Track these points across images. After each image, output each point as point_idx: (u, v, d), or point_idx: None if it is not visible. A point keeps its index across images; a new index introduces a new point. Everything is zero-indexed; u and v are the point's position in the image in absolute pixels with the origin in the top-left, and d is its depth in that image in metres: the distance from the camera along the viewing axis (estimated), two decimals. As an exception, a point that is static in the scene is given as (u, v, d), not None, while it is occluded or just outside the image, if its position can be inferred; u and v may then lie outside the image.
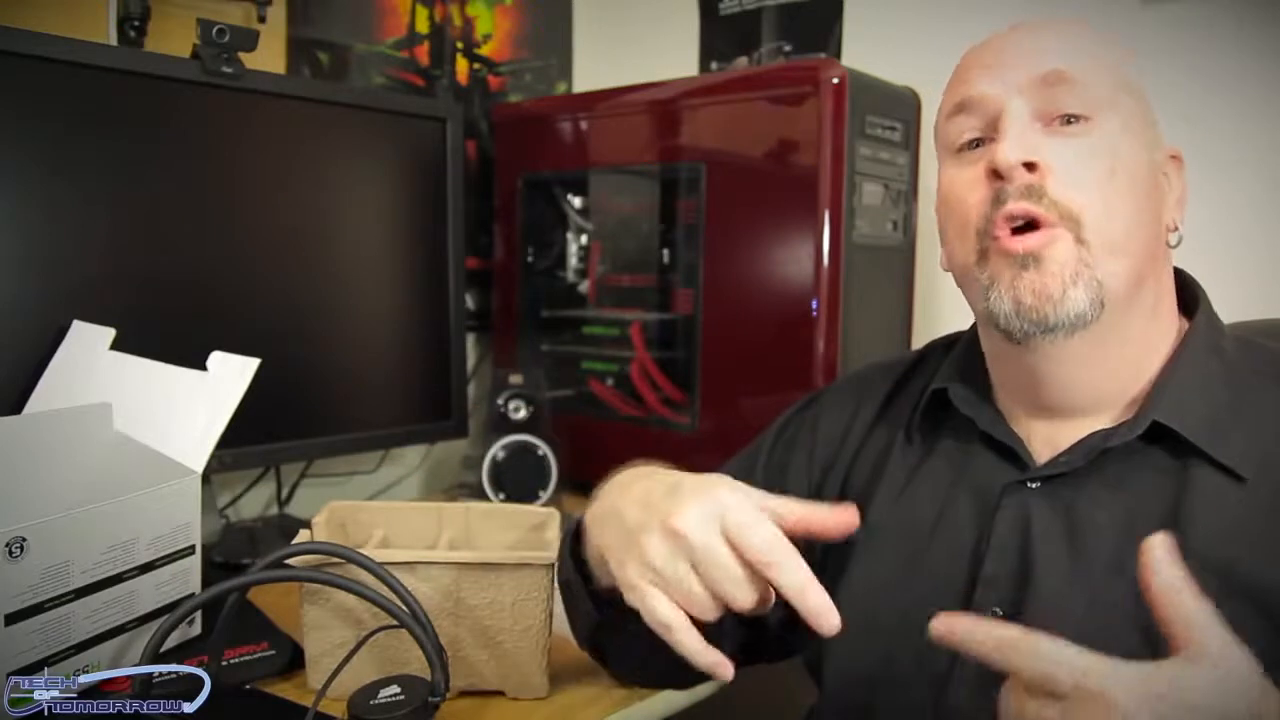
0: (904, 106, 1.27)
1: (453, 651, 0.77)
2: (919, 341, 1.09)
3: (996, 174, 0.64)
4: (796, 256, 1.17)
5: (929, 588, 0.69)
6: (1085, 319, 0.63)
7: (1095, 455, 0.65)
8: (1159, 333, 0.68)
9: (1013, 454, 0.69)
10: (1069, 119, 0.65)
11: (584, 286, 1.45)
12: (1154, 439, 0.63)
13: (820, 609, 0.56)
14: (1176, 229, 0.69)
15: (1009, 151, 0.63)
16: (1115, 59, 0.67)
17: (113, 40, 1.16)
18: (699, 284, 1.26)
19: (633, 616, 0.63)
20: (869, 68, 1.23)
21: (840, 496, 0.79)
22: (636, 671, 0.84)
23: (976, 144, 0.68)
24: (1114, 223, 0.63)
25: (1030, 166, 0.63)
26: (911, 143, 1.28)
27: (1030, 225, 0.63)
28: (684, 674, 0.84)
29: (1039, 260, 0.63)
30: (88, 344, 0.94)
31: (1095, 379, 0.66)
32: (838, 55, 1.46)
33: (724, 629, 0.82)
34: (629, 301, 1.38)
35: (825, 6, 1.47)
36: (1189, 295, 0.71)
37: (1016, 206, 0.63)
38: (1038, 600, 0.63)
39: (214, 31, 1.05)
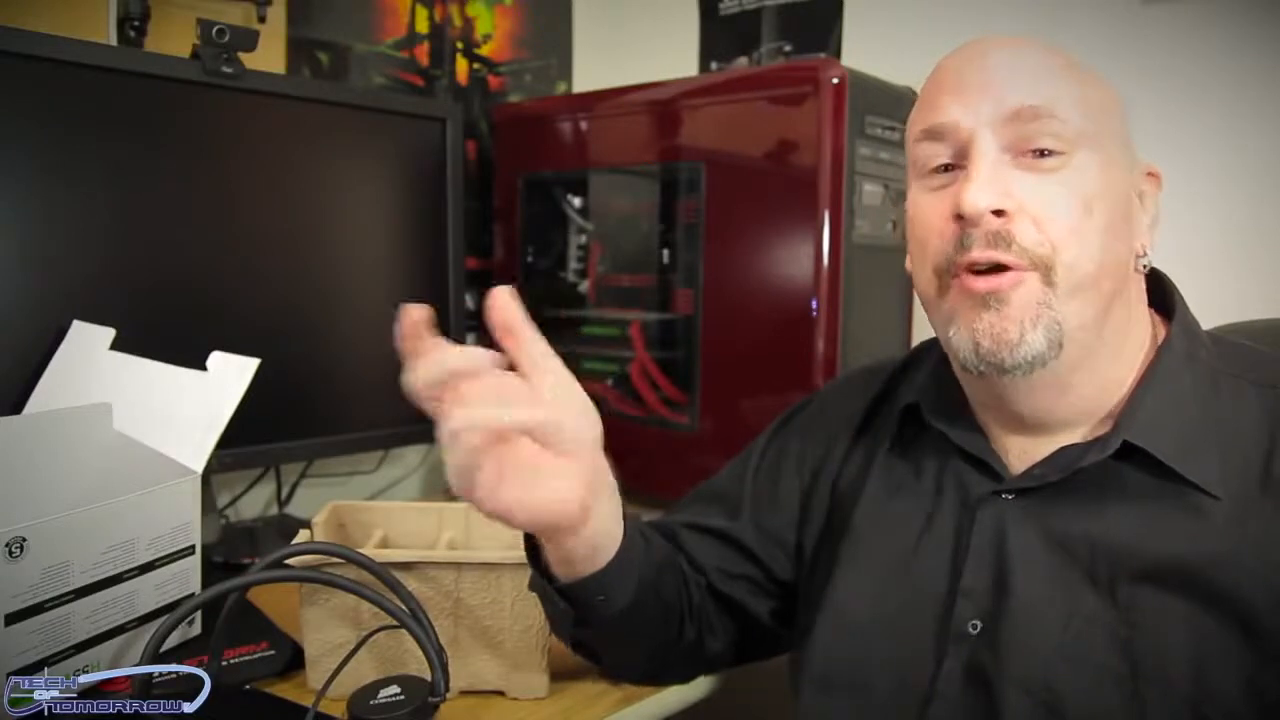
0: (904, 106, 1.25)
1: (453, 652, 0.77)
2: (919, 341, 1.09)
3: (962, 215, 0.62)
4: (796, 256, 1.17)
5: (909, 597, 0.69)
6: (1043, 360, 0.61)
7: (1069, 470, 0.64)
8: (1132, 347, 0.67)
9: (989, 466, 0.69)
10: (1042, 152, 0.62)
11: (584, 286, 1.45)
12: (1127, 454, 0.63)
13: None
14: (1145, 254, 0.67)
15: (977, 198, 0.61)
16: (1091, 84, 0.64)
17: (113, 40, 1.16)
18: (699, 284, 1.26)
19: (598, 606, 0.67)
20: (869, 68, 1.22)
21: (829, 501, 0.79)
22: (629, 666, 0.84)
23: (945, 168, 0.65)
24: (1086, 263, 0.61)
25: (999, 213, 0.61)
26: (911, 143, 1.28)
27: (995, 267, 0.61)
28: (677, 668, 0.84)
29: (1001, 301, 0.61)
30: (88, 344, 0.94)
31: (1065, 402, 0.65)
32: (838, 55, 1.46)
33: (718, 625, 0.82)
34: (629, 301, 1.38)
35: (825, 6, 1.47)
36: (1165, 297, 0.70)
37: (981, 254, 0.61)
38: (1015, 612, 0.63)
39: (214, 31, 1.05)
